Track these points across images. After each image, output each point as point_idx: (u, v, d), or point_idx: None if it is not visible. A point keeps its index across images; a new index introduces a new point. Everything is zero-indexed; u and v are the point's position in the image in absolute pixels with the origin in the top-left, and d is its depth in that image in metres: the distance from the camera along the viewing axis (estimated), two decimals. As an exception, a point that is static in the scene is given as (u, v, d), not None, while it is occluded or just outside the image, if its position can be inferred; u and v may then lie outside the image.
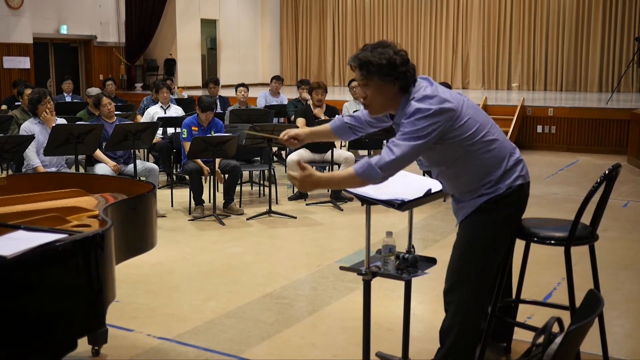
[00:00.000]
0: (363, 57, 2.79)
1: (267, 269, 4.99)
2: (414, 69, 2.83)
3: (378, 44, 2.83)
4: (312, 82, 7.96)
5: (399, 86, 2.80)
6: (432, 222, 6.35)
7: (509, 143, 2.94)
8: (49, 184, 3.70)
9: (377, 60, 2.76)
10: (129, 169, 6.69)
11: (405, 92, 2.82)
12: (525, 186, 2.92)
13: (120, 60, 16.81)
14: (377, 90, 2.82)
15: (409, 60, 2.82)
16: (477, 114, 2.87)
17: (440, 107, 2.73)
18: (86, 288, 2.54)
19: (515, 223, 3.01)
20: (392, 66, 2.76)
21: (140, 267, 4.74)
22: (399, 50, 2.81)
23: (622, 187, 7.72)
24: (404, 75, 2.78)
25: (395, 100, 2.83)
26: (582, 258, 3.34)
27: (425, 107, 2.72)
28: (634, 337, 3.80)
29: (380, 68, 2.76)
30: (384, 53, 2.77)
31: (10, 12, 13.96)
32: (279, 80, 10.65)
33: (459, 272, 2.95)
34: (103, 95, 7.06)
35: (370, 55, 2.78)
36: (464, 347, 2.98)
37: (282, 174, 8.38)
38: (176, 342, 3.68)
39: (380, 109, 2.91)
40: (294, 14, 19.95)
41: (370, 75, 2.79)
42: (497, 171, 2.86)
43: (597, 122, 10.84)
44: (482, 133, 2.83)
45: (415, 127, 2.72)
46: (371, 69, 2.77)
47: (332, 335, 3.80)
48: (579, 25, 15.71)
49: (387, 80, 2.78)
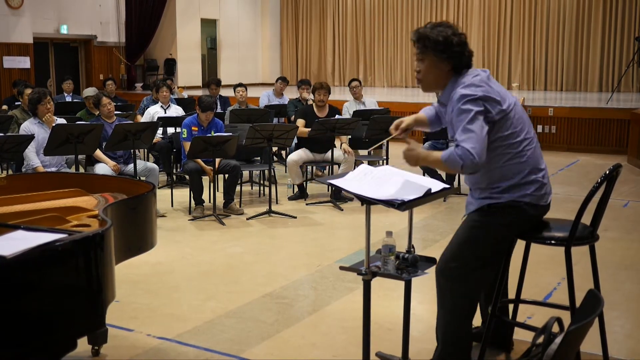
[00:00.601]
0: (422, 32, 2.93)
1: (267, 269, 4.99)
2: (470, 54, 2.94)
3: (440, 23, 2.97)
4: (315, 83, 7.91)
5: (451, 66, 2.91)
6: (432, 222, 6.35)
7: (537, 162, 2.95)
8: (49, 183, 3.70)
9: (435, 36, 2.89)
10: (129, 168, 6.68)
11: (457, 73, 2.91)
12: (530, 206, 2.91)
13: (121, 60, 16.81)
14: (430, 65, 2.94)
15: (466, 44, 2.93)
16: (521, 122, 2.91)
17: (485, 94, 2.80)
18: (86, 288, 2.54)
19: (514, 233, 3.02)
20: (447, 44, 2.88)
21: (140, 267, 4.73)
22: (458, 32, 2.93)
23: (623, 187, 7.72)
24: (457, 55, 2.89)
25: (446, 79, 2.94)
26: (582, 258, 3.34)
27: (469, 93, 2.81)
28: (634, 337, 3.80)
29: (436, 44, 2.89)
30: (443, 32, 2.90)
31: (10, 12, 13.96)
32: (285, 81, 10.62)
33: (454, 258, 3.00)
34: (103, 95, 7.06)
35: (430, 31, 2.91)
36: (453, 340, 3.03)
37: (282, 174, 8.38)
38: (176, 342, 3.68)
39: (432, 84, 3.00)
40: (294, 14, 19.95)
41: (426, 50, 2.92)
42: (508, 181, 2.90)
43: (597, 122, 10.83)
44: (514, 140, 2.87)
45: (465, 111, 2.79)
46: (427, 43, 2.90)
47: (332, 335, 3.80)
48: (579, 25, 15.71)
49: (440, 57, 2.90)
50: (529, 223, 2.99)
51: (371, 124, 7.33)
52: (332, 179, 3.19)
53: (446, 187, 3.08)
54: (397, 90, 17.37)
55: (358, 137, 7.75)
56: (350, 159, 7.30)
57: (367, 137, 7.46)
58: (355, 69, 18.92)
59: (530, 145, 2.93)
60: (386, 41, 18.44)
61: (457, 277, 2.98)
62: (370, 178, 3.04)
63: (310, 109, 7.65)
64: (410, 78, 18.16)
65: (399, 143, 3.29)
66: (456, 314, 3.03)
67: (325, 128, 7.05)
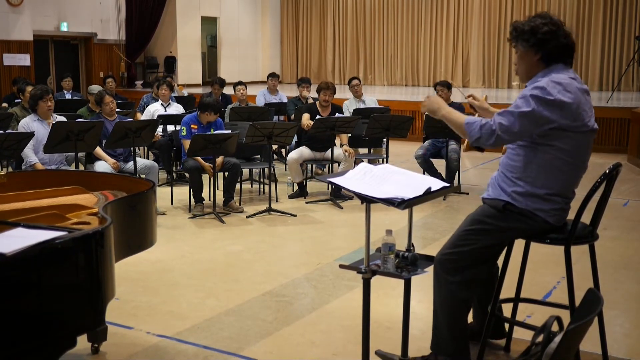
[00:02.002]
0: (515, 24, 2.98)
1: (266, 267, 4.99)
2: (564, 46, 2.90)
3: (536, 14, 3.00)
4: (321, 82, 7.83)
5: (540, 55, 2.90)
6: (432, 220, 6.35)
7: (569, 188, 2.95)
8: (49, 181, 3.70)
9: (522, 26, 2.93)
10: (128, 166, 6.68)
11: (548, 65, 2.90)
12: (545, 222, 2.92)
13: (121, 58, 16.80)
14: (521, 56, 2.97)
15: (557, 34, 2.89)
16: (585, 149, 2.92)
17: (562, 99, 2.78)
18: (85, 285, 2.54)
19: (520, 237, 3.04)
20: (532, 32, 2.88)
21: (140, 265, 4.74)
22: (551, 22, 2.92)
23: (622, 186, 7.72)
24: (542, 43, 2.87)
25: (536, 69, 2.93)
26: (581, 257, 3.34)
27: (548, 91, 2.78)
28: (634, 336, 3.80)
29: (523, 33, 2.91)
30: (532, 21, 2.92)
31: (11, 9, 13.95)
32: (275, 77, 10.53)
33: (454, 250, 3.02)
34: (106, 93, 7.05)
35: (521, 23, 2.96)
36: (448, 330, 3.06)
37: (282, 172, 8.38)
38: (175, 339, 3.68)
39: (523, 75, 3.00)
40: (295, 12, 19.94)
41: (515, 40, 2.95)
42: (533, 188, 2.90)
43: (597, 120, 10.66)
44: (568, 158, 2.86)
45: (527, 102, 2.79)
46: (515, 34, 2.95)
47: (332, 333, 3.80)
48: (579, 24, 15.70)
49: (527, 46, 2.91)
50: (536, 232, 2.99)
51: (371, 122, 7.33)
52: (332, 177, 3.19)
53: (446, 186, 3.08)
54: (397, 89, 17.36)
55: (358, 136, 7.75)
56: (351, 159, 7.30)
57: (367, 136, 7.47)
58: (356, 67, 18.91)
59: (575, 172, 2.93)
60: (386, 39, 18.43)
61: (453, 268, 3.00)
62: (370, 176, 3.04)
63: (314, 107, 7.65)
64: (410, 76, 18.16)
65: (400, 142, 3.29)
66: (451, 304, 3.05)
67: (325, 126, 7.04)
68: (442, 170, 7.45)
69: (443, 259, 3.03)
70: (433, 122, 7.26)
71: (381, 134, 7.51)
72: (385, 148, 7.73)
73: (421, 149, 7.62)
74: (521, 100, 2.82)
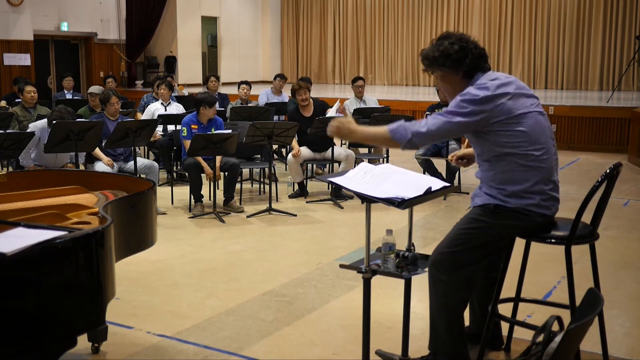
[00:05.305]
0: (424, 54, 3.01)
1: (266, 267, 4.99)
2: (478, 55, 2.94)
3: (439, 37, 3.02)
4: (293, 84, 7.71)
5: (462, 74, 2.94)
6: (432, 220, 6.35)
7: (549, 173, 2.95)
8: (49, 181, 3.70)
9: (432, 53, 2.95)
10: (129, 166, 6.68)
11: (470, 78, 2.94)
12: (538, 215, 2.92)
13: (121, 58, 16.80)
14: (442, 79, 3.01)
15: (468, 48, 2.93)
16: (537, 129, 2.90)
17: (487, 94, 2.82)
18: (86, 285, 2.54)
19: (516, 235, 3.03)
20: (446, 56, 2.92)
21: (140, 265, 4.73)
22: (457, 39, 2.94)
23: (623, 185, 7.72)
24: (459, 62, 2.91)
25: (461, 86, 2.96)
26: (582, 256, 3.34)
27: (474, 92, 2.85)
28: (634, 335, 3.80)
29: (435, 60, 2.95)
30: (440, 45, 2.94)
31: (11, 9, 13.95)
32: (283, 78, 10.57)
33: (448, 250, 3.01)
34: (112, 93, 7.02)
35: (428, 50, 2.98)
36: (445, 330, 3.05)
37: (283, 172, 8.38)
38: (175, 339, 3.68)
39: (452, 95, 3.02)
40: (295, 12, 19.93)
41: (431, 68, 2.99)
42: (516, 186, 2.90)
43: (597, 120, 10.83)
44: (528, 147, 2.87)
45: (458, 107, 2.85)
46: (427, 63, 2.99)
47: (332, 333, 3.80)
48: (579, 23, 15.70)
49: (445, 70, 2.95)
50: (533, 228, 2.99)
51: (372, 122, 7.32)
52: (332, 177, 3.19)
53: (446, 186, 3.09)
54: (398, 89, 17.36)
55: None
56: (351, 158, 7.29)
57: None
58: (356, 67, 18.91)
59: (545, 156, 2.92)
60: (387, 39, 18.43)
61: (447, 268, 2.99)
62: (370, 176, 3.04)
63: (297, 112, 7.52)
64: (410, 76, 18.16)
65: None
66: (448, 304, 3.04)
67: (325, 126, 7.02)
68: (442, 170, 7.45)
69: (438, 258, 3.02)
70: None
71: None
72: (386, 148, 7.72)
73: (421, 149, 7.61)
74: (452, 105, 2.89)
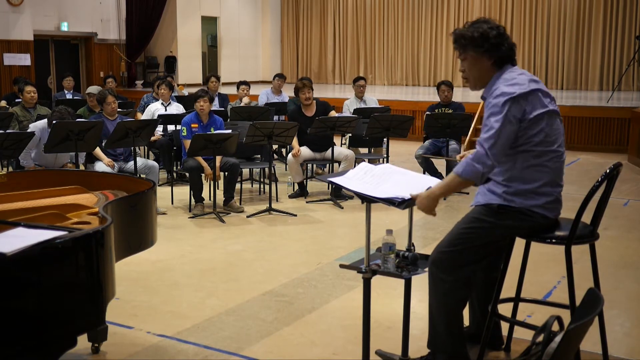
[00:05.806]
0: (459, 32, 2.97)
1: (266, 267, 4.99)
2: (511, 46, 2.95)
3: (476, 20, 3.00)
4: (296, 83, 7.67)
5: (493, 59, 2.93)
6: (432, 220, 6.33)
7: (558, 177, 2.96)
8: (49, 181, 3.70)
9: (470, 33, 2.92)
10: (129, 166, 6.68)
11: (500, 68, 2.94)
12: (541, 216, 2.92)
13: (121, 58, 16.80)
14: (472, 62, 2.97)
15: (504, 36, 2.94)
16: (556, 134, 2.93)
17: (523, 91, 2.82)
18: (86, 285, 2.54)
19: (517, 235, 3.03)
20: (484, 38, 2.90)
21: (140, 265, 4.73)
22: (496, 25, 2.94)
23: (623, 185, 7.72)
24: (495, 47, 2.90)
25: (489, 74, 2.95)
26: (582, 256, 3.34)
27: (509, 91, 2.82)
28: (634, 335, 3.80)
29: (473, 40, 2.92)
30: (479, 27, 2.93)
31: (11, 9, 13.95)
32: (282, 78, 10.56)
33: (448, 249, 3.00)
34: (108, 93, 7.03)
35: (466, 30, 2.95)
36: (444, 329, 3.05)
37: (283, 172, 8.38)
38: (175, 339, 3.68)
39: (476, 82, 3.02)
40: (295, 12, 19.93)
41: (465, 48, 2.95)
42: (524, 185, 2.90)
43: (597, 120, 10.83)
44: (544, 148, 2.88)
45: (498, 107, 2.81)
46: (464, 42, 2.94)
47: (332, 333, 3.80)
48: (579, 23, 15.70)
49: (479, 52, 2.92)
50: (534, 229, 2.98)
51: (371, 122, 7.32)
52: (332, 177, 3.19)
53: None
54: (398, 89, 17.36)
55: (358, 135, 7.75)
56: (351, 158, 7.29)
57: (368, 135, 7.46)
58: (356, 67, 18.91)
59: (558, 157, 2.94)
60: (387, 39, 18.43)
61: (447, 267, 2.98)
62: (370, 176, 3.05)
63: (298, 112, 7.53)
64: (410, 76, 18.16)
65: (400, 142, 3.29)
66: (447, 304, 3.04)
67: (326, 126, 7.04)
68: (443, 170, 7.45)
69: (439, 257, 3.01)
70: (433, 121, 7.27)
71: (381, 134, 7.50)
72: (386, 148, 7.73)
73: (421, 149, 7.62)
74: (492, 108, 2.84)
